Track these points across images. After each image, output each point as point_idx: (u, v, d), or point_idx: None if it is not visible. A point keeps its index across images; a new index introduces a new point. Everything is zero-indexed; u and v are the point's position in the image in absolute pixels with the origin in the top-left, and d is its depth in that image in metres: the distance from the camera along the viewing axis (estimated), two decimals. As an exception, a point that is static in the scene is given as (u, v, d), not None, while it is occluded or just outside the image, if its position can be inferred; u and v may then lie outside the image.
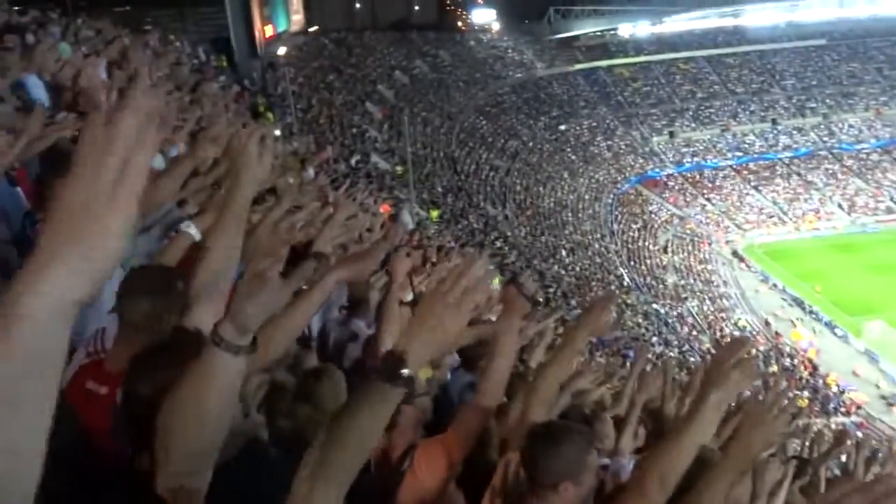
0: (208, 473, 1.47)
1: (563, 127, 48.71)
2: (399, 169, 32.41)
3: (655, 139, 51.13)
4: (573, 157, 46.56)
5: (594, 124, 50.79)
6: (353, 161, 29.89)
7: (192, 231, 2.78)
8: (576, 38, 55.41)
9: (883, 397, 26.71)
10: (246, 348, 1.36)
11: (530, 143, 44.99)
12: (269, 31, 37.48)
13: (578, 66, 54.34)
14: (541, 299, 22.35)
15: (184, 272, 2.03)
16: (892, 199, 45.14)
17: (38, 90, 6.07)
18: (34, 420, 0.63)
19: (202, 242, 2.01)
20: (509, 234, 32.67)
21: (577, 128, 49.70)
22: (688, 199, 46.55)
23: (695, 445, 2.13)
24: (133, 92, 0.70)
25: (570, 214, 39.45)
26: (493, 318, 3.73)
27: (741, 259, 39.33)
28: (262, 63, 34.69)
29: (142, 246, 3.13)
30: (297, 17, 43.29)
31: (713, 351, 27.98)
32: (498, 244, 29.49)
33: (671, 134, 51.63)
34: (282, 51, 38.07)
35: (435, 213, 28.86)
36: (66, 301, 0.65)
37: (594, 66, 55.00)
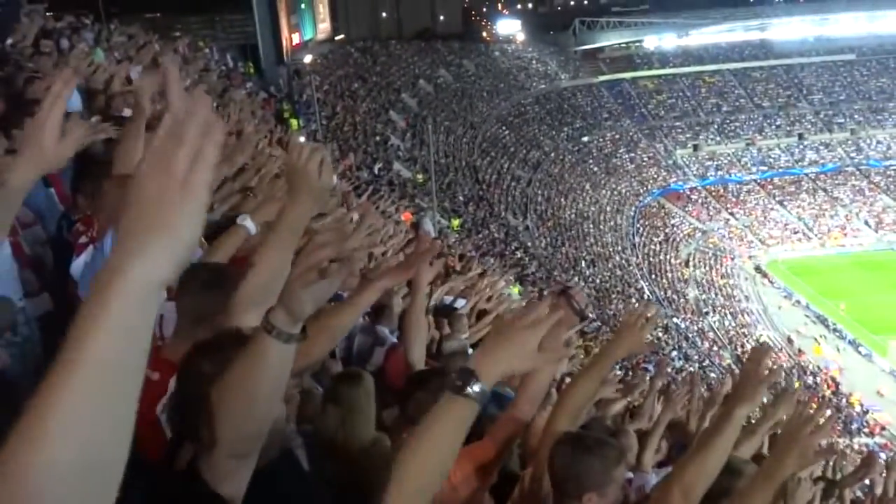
0: (252, 463, 1.48)
1: (585, 138, 48.59)
2: (421, 177, 32.55)
3: (679, 152, 50.79)
4: (595, 169, 46.41)
5: (617, 136, 50.61)
6: (375, 169, 30.08)
7: (248, 224, 2.86)
8: (601, 49, 55.36)
9: (908, 418, 26.22)
10: (296, 336, 1.37)
11: (552, 154, 44.94)
12: (295, 38, 37.93)
13: (603, 78, 54.21)
14: (591, 315, 22.34)
15: (241, 271, 2.08)
16: (920, 217, 44.41)
17: (72, 95, 6.22)
18: (130, 393, 0.70)
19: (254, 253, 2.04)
20: (530, 244, 32.63)
21: (600, 139, 49.54)
22: (711, 213, 46.15)
23: (720, 459, 2.14)
24: (197, 90, 0.77)
25: (591, 226, 39.31)
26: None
27: (764, 274, 38.88)
28: (288, 70, 35.09)
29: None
30: (324, 26, 43.77)
31: (740, 365, 27.68)
32: (518, 254, 29.46)
33: (695, 147, 51.25)
34: (308, 58, 38.48)
35: (456, 223, 28.91)
36: (153, 282, 0.72)
37: (618, 77, 54.84)
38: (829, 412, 2.23)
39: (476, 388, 1.35)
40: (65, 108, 1.80)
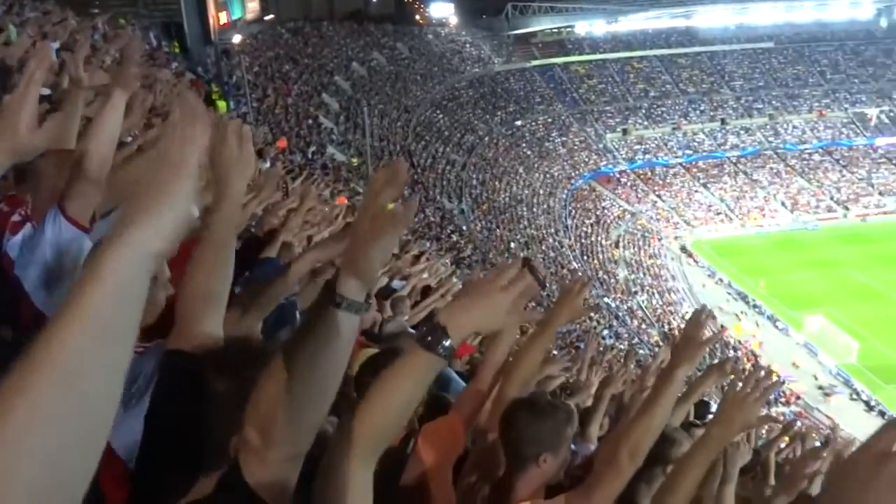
0: (300, 463, 1.35)
1: (519, 122, 49.14)
2: (355, 161, 32.25)
3: (609, 136, 52.01)
4: (529, 153, 47.04)
5: (550, 120, 51.38)
6: (309, 152, 29.62)
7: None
8: (533, 34, 55.94)
9: (820, 388, 27.84)
10: (365, 305, 1.27)
11: (486, 138, 45.28)
12: (223, 18, 36.71)
13: (535, 63, 54.85)
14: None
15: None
16: (832, 199, 46.94)
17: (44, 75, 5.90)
18: (120, 359, 0.74)
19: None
20: (465, 228, 32.88)
21: (533, 123, 50.20)
22: (639, 196, 47.55)
23: (663, 418, 2.23)
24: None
25: (525, 209, 39.88)
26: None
27: (689, 254, 40.40)
28: (216, 50, 34.01)
29: (99, 231, 3.12)
30: (253, 5, 42.54)
31: (668, 341, 28.73)
32: (454, 238, 29.65)
33: (624, 131, 52.58)
34: (237, 39, 37.38)
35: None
36: (148, 253, 0.79)
37: (550, 62, 55.59)
38: (774, 380, 2.33)
39: (445, 344, 1.30)
40: (40, 90, 1.72)
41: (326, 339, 1.24)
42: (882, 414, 25.96)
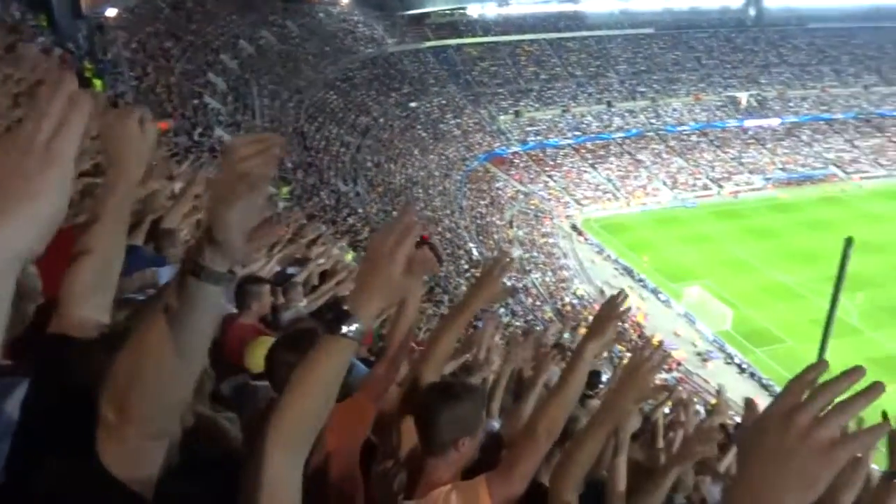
0: (165, 444, 1.28)
1: (413, 104, 49.08)
2: (285, 191, 31.11)
3: (502, 118, 52.97)
4: (424, 135, 47.15)
5: (444, 102, 51.65)
6: (195, 134, 28.32)
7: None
8: (426, 15, 55.86)
9: (698, 354, 29.84)
10: (227, 276, 1.19)
11: (381, 120, 44.96)
12: (95, -11, 34.23)
13: (429, 44, 54.85)
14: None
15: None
16: (707, 177, 50.06)
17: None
18: None
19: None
20: (361, 210, 32.60)
21: (428, 105, 50.29)
22: (532, 176, 48.82)
23: (576, 393, 2.29)
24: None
25: (421, 191, 40.02)
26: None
27: (579, 232, 41.99)
28: (88, 25, 31.70)
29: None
30: (129, -23, 39.91)
31: (560, 317, 29.81)
32: (350, 221, 29.35)
33: (517, 113, 53.70)
34: (111, 12, 34.95)
35: (285, 190, 28.11)
36: (15, 250, 0.71)
37: (444, 44, 55.76)
38: (663, 352, 2.41)
39: (353, 326, 1.29)
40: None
41: (186, 310, 1.16)
42: (752, 375, 28.21)
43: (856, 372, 0.96)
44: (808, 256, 35.27)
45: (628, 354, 27.76)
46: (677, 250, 38.42)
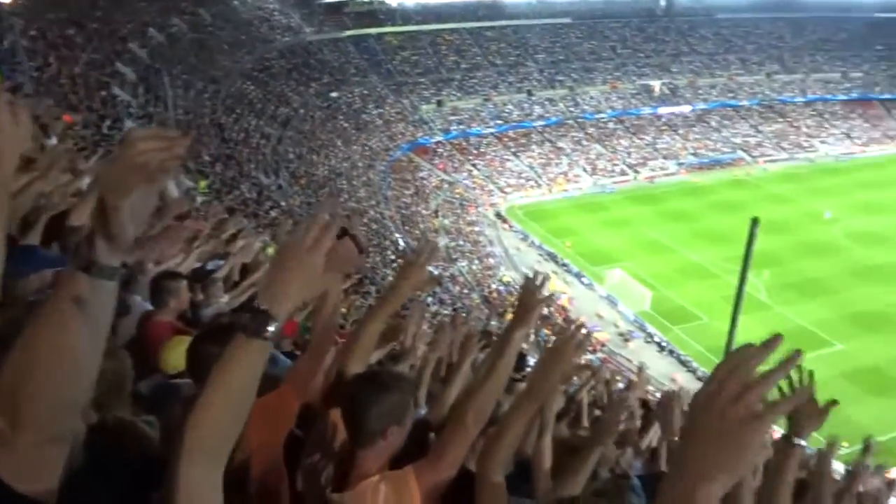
0: (66, 449, 1.22)
1: (334, 94, 48.41)
2: (203, 184, 29.89)
3: (424, 107, 52.96)
4: (346, 125, 46.60)
5: (365, 92, 51.17)
6: (104, 127, 27.00)
7: None
8: (344, 3, 55.12)
9: (621, 334, 30.84)
10: (119, 270, 1.15)
11: (301, 111, 44.13)
12: (-13, -27, 32.03)
13: (349, 33, 54.16)
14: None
15: None
16: (625, 163, 51.63)
17: None
18: None
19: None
20: (284, 203, 31.96)
21: (349, 95, 49.72)
22: (455, 165, 49.09)
23: (503, 380, 2.30)
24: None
25: (344, 182, 39.59)
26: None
27: (504, 220, 42.56)
28: (-20, 12, 29.66)
29: None
30: (24, -40, 37.55)
31: (487, 304, 30.17)
32: (273, 214, 28.73)
33: (439, 103, 53.80)
34: (6, -1, 32.85)
35: (203, 184, 27.21)
36: None
37: (364, 33, 55.18)
38: (584, 332, 2.43)
39: (270, 327, 1.26)
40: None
41: (74, 307, 1.11)
42: (671, 353, 29.41)
43: (774, 340, 1.01)
44: (719, 237, 36.93)
45: (554, 338, 28.33)
46: (598, 235, 39.54)
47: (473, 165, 49.50)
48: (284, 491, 2.38)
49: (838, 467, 5.90)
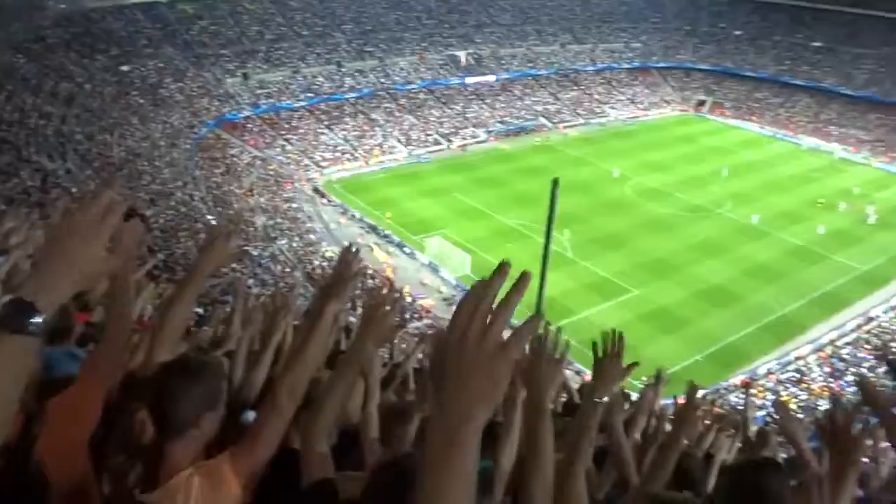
0: None
1: (125, 67, 44.40)
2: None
3: (230, 80, 50.33)
4: (141, 101, 42.98)
5: (161, 65, 47.49)
6: None
7: None
8: (127, -33, 50.38)
9: (445, 299, 31.86)
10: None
11: (88, 86, 39.95)
12: None
13: (136, 0, 49.72)
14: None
15: None
16: (437, 133, 52.87)
17: None
18: None
19: None
20: (75, 189, 28.96)
21: (143, 69, 45.85)
22: (268, 141, 47.34)
23: (318, 354, 2.28)
24: None
25: (145, 163, 36.66)
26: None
27: (322, 195, 41.93)
28: None
29: None
30: None
31: (311, 280, 29.69)
32: (63, 202, 25.94)
33: (245, 75, 51.39)
34: None
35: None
36: None
37: (153, 0, 50.99)
38: (396, 295, 2.46)
39: (35, 320, 1.15)
40: None
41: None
42: (492, 312, 30.92)
43: (502, 267, 1.07)
44: (528, 200, 39.21)
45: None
46: (417, 204, 40.29)
47: (287, 140, 48.06)
48: (95, 495, 2.21)
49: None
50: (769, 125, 60.06)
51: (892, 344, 28.72)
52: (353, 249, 2.56)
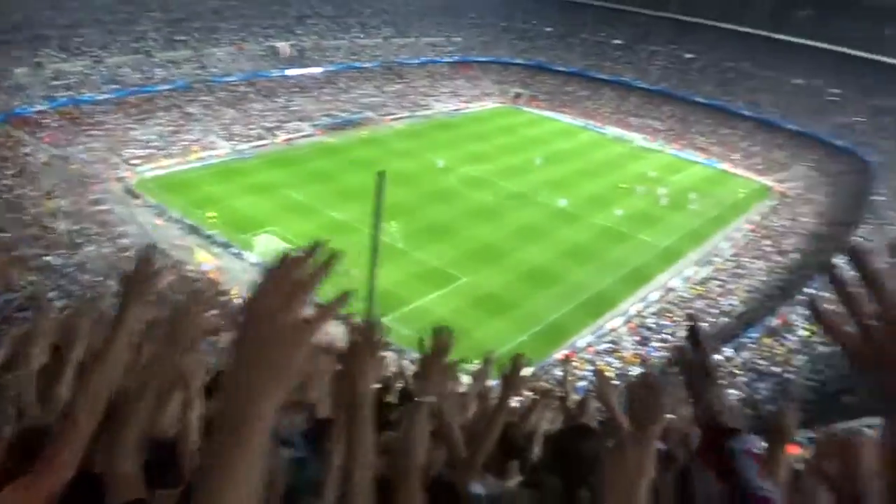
0: None
1: None
2: None
3: (18, 70, 45.13)
4: None
5: (-70, 52, 41.55)
6: None
7: None
8: None
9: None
10: None
11: None
12: None
13: None
14: None
15: None
16: (261, 127, 51.10)
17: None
18: None
19: None
20: None
21: None
22: (68, 138, 43.07)
23: (117, 364, 2.14)
24: None
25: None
26: None
27: (135, 195, 38.99)
28: None
29: None
30: None
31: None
32: None
33: (38, 65, 46.40)
34: None
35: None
36: None
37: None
38: (210, 291, 2.37)
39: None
40: None
41: None
42: (325, 309, 30.60)
43: (315, 245, 1.10)
44: (357, 194, 39.03)
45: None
46: (242, 202, 38.75)
47: (90, 136, 44.02)
48: None
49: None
50: (579, 116, 64.63)
51: (699, 314, 32.27)
52: (152, 247, 2.46)
